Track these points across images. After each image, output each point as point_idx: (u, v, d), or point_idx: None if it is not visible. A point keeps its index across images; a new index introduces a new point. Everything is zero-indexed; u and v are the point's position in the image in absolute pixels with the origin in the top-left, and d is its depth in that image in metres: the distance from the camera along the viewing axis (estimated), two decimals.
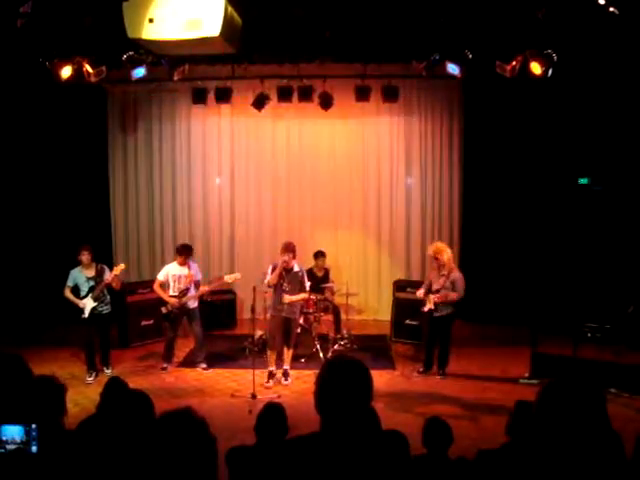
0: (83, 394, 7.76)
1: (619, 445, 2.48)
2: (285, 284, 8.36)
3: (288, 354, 8.67)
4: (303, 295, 8.63)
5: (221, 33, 5.97)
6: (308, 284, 8.72)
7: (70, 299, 8.58)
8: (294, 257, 8.41)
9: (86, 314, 8.53)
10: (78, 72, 9.30)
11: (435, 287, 8.66)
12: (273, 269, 8.43)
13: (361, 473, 2.28)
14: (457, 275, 8.63)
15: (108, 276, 8.66)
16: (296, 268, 8.48)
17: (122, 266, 8.89)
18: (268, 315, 8.81)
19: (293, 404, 7.45)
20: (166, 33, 6.04)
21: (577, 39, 8.69)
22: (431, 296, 8.64)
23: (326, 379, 2.43)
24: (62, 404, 3.37)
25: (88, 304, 8.53)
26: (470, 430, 6.83)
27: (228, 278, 9.13)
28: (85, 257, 8.58)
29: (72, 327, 9.75)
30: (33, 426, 2.75)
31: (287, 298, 8.35)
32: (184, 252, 9.08)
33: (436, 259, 8.70)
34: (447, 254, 8.65)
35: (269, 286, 8.49)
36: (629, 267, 10.15)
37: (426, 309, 8.73)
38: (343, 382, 2.39)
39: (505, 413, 4.03)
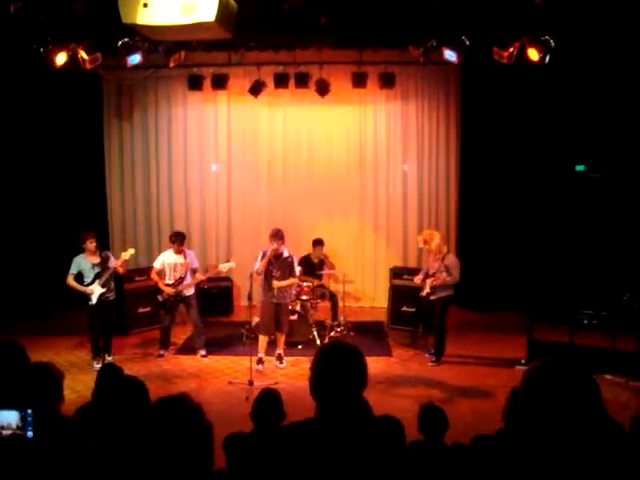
0: (81, 382, 7.76)
1: (616, 429, 2.48)
2: (275, 270, 8.45)
3: (281, 338, 8.78)
4: (292, 280, 8.72)
5: (217, 18, 5.93)
6: (298, 269, 8.86)
7: (75, 287, 8.46)
8: (283, 243, 8.48)
9: (94, 301, 8.46)
10: (73, 59, 9.24)
11: (431, 272, 8.80)
12: (263, 256, 8.51)
13: (357, 458, 2.29)
14: (452, 259, 8.79)
15: (115, 262, 8.64)
16: (285, 254, 8.57)
17: (132, 251, 8.88)
18: (258, 302, 8.85)
19: (290, 390, 7.48)
20: (161, 18, 5.99)
21: (575, 25, 8.66)
22: (428, 281, 8.76)
23: (321, 364, 2.43)
24: (59, 391, 3.38)
25: (96, 290, 8.46)
26: (467, 416, 6.86)
27: (223, 267, 9.17)
28: (92, 244, 8.51)
29: (71, 315, 9.76)
30: (29, 411, 2.75)
31: (276, 284, 8.45)
32: (176, 240, 9.07)
33: (426, 245, 8.91)
34: (436, 240, 8.78)
35: (258, 274, 8.53)
36: (626, 254, 10.16)
37: (424, 293, 8.86)
38: (337, 367, 2.40)
39: (501, 399, 4.05)
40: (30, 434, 2.75)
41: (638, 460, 2.46)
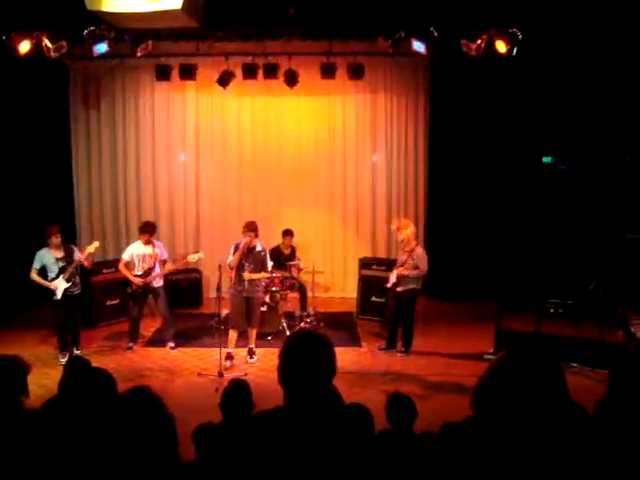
0: (48, 376, 7.65)
1: (580, 413, 2.53)
2: (247, 263, 8.32)
3: (252, 333, 8.68)
4: (264, 274, 8.59)
5: (183, 6, 5.88)
6: (270, 264, 8.69)
7: (39, 282, 8.30)
8: (256, 236, 8.34)
9: (59, 296, 8.29)
10: (37, 47, 9.07)
11: (399, 264, 8.80)
12: (235, 249, 8.37)
13: (325, 446, 2.29)
14: (419, 251, 8.77)
15: (80, 255, 8.47)
16: (258, 247, 8.43)
17: (96, 244, 8.72)
18: (228, 295, 8.72)
19: (260, 382, 7.48)
20: (126, 5, 5.92)
21: (542, 18, 8.74)
22: (394, 271, 8.79)
23: (289, 353, 2.43)
24: (23, 384, 3.33)
25: (60, 285, 8.30)
26: (435, 405, 6.92)
27: (191, 258, 9.12)
28: (58, 239, 8.31)
29: (37, 309, 9.58)
30: None
31: (247, 275, 8.30)
32: (146, 230, 8.99)
33: (398, 234, 8.93)
34: (407, 231, 8.78)
35: (231, 267, 8.37)
36: (591, 244, 10.32)
37: (389, 284, 8.87)
38: (306, 356, 2.40)
39: (470, 388, 4.09)
40: None
41: (601, 443, 2.51)
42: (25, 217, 11.10)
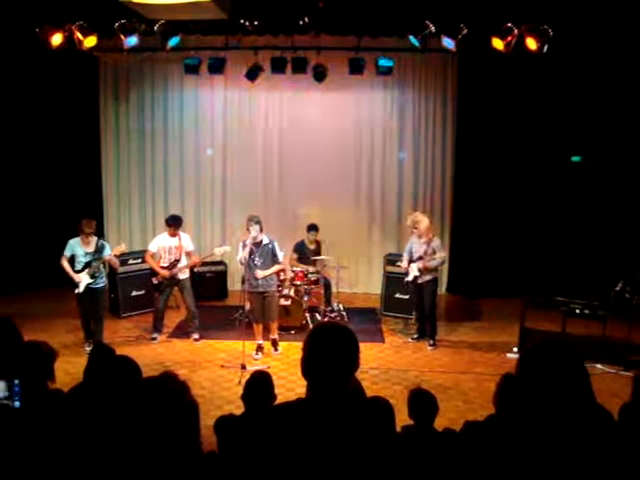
0: (75, 364, 7.69)
1: (605, 416, 2.50)
2: (257, 259, 8.31)
3: (273, 326, 8.71)
4: (277, 267, 8.56)
5: None
6: (281, 254, 8.61)
7: (67, 270, 8.35)
8: (261, 230, 8.31)
9: (81, 289, 8.36)
10: (69, 40, 9.18)
11: (417, 255, 8.92)
12: (243, 246, 8.34)
13: (346, 439, 2.30)
14: (437, 242, 9.03)
15: (107, 255, 8.51)
16: (265, 240, 8.40)
17: (123, 247, 8.73)
18: (245, 290, 8.70)
19: (283, 375, 7.53)
20: None
21: (573, 15, 8.65)
22: (413, 265, 8.84)
23: (312, 344, 2.42)
24: (50, 369, 3.39)
25: (84, 280, 8.35)
26: (458, 402, 6.91)
27: (217, 251, 9.18)
28: (90, 235, 8.35)
29: (67, 298, 9.68)
30: (16, 381, 2.80)
31: (260, 274, 8.29)
32: (173, 224, 9.05)
33: (415, 229, 8.99)
34: (425, 223, 8.92)
35: (242, 264, 8.34)
36: (620, 244, 10.20)
37: (410, 278, 8.97)
38: (329, 347, 2.39)
39: (492, 386, 4.07)
40: (17, 404, 2.79)
41: (625, 446, 2.49)
42: (54, 209, 11.26)
